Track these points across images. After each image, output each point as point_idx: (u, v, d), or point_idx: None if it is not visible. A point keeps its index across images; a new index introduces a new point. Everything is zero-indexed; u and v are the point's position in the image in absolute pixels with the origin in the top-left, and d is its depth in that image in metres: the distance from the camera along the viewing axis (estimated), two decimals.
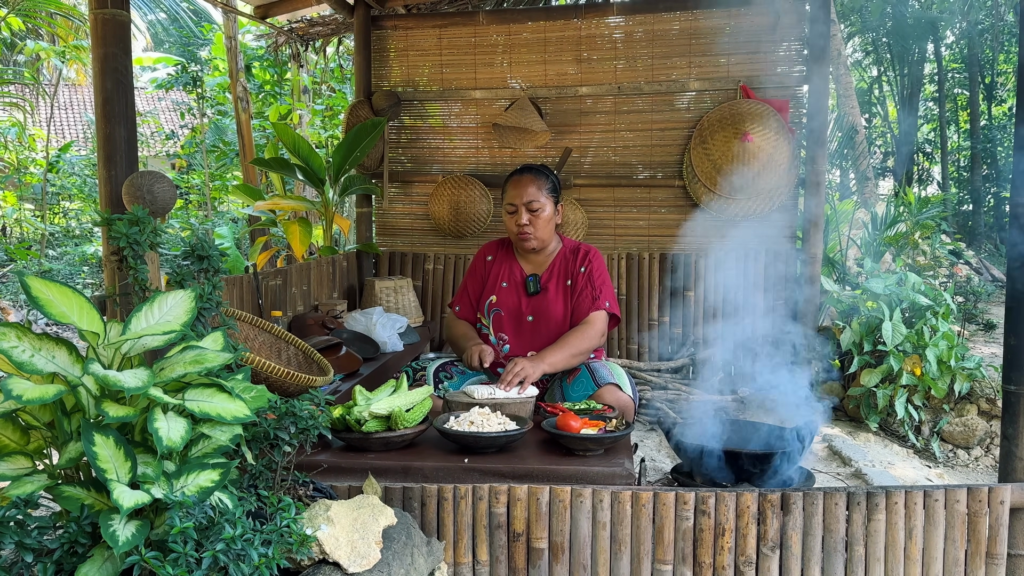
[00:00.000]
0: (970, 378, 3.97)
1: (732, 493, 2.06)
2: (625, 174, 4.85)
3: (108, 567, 1.43)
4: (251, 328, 2.77)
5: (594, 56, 4.83)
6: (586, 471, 2.18)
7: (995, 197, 15.73)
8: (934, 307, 4.13)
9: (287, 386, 2.37)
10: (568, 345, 2.84)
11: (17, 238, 11.05)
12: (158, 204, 2.18)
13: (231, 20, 7.84)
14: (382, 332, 3.81)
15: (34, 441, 1.58)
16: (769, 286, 4.59)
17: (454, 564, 2.09)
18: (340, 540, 1.69)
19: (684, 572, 2.07)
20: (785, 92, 4.55)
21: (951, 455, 3.85)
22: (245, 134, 7.89)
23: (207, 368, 1.59)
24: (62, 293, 1.54)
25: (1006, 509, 2.10)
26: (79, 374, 1.50)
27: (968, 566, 2.10)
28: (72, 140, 13.82)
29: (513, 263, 3.10)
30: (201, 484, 1.50)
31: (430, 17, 5.06)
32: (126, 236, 1.83)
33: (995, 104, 17.00)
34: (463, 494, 2.08)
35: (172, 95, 14.67)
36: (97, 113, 2.34)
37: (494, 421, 2.33)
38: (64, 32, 9.74)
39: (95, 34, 2.32)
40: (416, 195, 5.19)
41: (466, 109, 5.07)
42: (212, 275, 1.95)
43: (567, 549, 2.07)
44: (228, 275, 3.24)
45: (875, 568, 2.07)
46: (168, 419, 1.49)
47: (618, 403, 2.68)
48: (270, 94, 9.54)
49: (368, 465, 2.19)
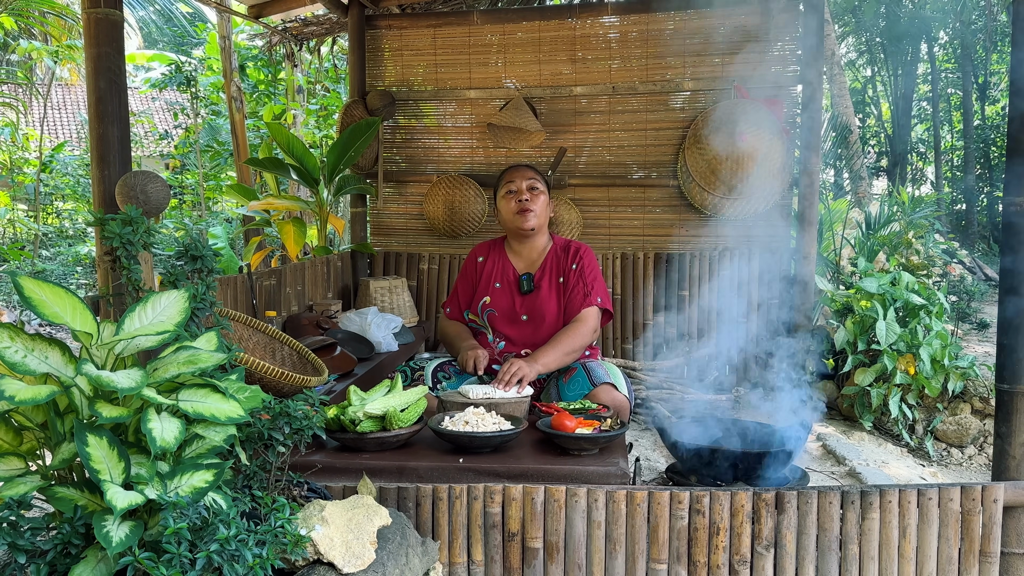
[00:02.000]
0: (963, 377, 3.98)
1: (727, 492, 2.06)
2: (620, 174, 4.85)
3: (102, 568, 1.42)
4: (245, 328, 2.76)
5: (588, 56, 4.84)
6: (581, 471, 2.17)
7: (988, 196, 15.80)
8: (928, 306, 4.15)
9: (281, 386, 2.36)
10: (561, 344, 2.85)
11: (10, 238, 11.01)
12: (151, 204, 2.17)
13: (225, 20, 7.81)
14: (377, 332, 3.81)
15: (27, 442, 1.58)
16: (763, 286, 4.60)
17: (449, 564, 2.09)
18: (335, 540, 1.69)
19: (679, 571, 2.07)
20: (779, 92, 4.56)
21: (945, 454, 3.86)
22: (239, 134, 7.87)
23: (201, 368, 1.59)
24: (55, 293, 1.53)
25: (999, 507, 2.11)
26: (72, 375, 1.49)
27: (962, 564, 2.11)
28: (65, 140, 13.77)
29: (505, 263, 3.11)
30: (195, 485, 1.50)
31: (424, 17, 5.05)
32: (119, 236, 1.82)
33: (988, 104, 17.07)
34: (458, 494, 2.08)
35: (166, 95, 14.63)
36: (90, 113, 2.33)
37: (489, 421, 2.33)
38: (57, 32, 9.70)
39: (88, 33, 2.31)
40: (411, 195, 5.19)
41: (461, 109, 5.07)
42: (206, 275, 1.94)
43: (562, 549, 2.08)
44: (222, 275, 3.23)
45: (869, 567, 2.07)
46: (162, 420, 1.49)
47: (613, 403, 2.68)
48: (264, 94, 9.51)
49: (363, 465, 2.19)
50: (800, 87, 4.53)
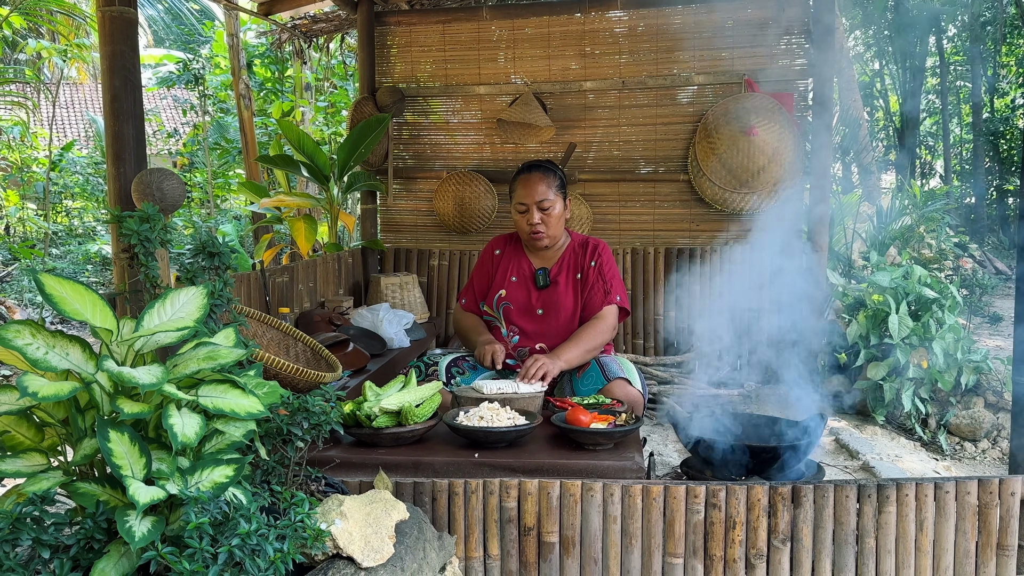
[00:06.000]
0: (976, 371, 3.97)
1: (743, 486, 2.06)
2: (629, 169, 4.84)
3: (124, 563, 1.43)
4: (260, 325, 2.77)
5: (597, 51, 4.83)
6: (596, 465, 2.18)
7: (998, 190, 15.69)
8: (940, 300, 4.13)
9: (297, 382, 2.37)
10: (582, 341, 2.85)
11: (20, 237, 11.06)
12: (167, 201, 2.18)
13: (233, 17, 7.83)
14: (389, 328, 3.82)
15: (49, 438, 1.59)
16: (775, 280, 4.58)
17: (465, 558, 2.09)
18: (354, 535, 1.69)
19: (695, 565, 2.07)
20: (789, 86, 4.54)
21: (958, 448, 3.85)
22: (248, 131, 7.89)
23: (220, 364, 1.60)
24: (75, 290, 1.54)
25: (1017, 501, 2.10)
26: (93, 371, 1.50)
27: (979, 558, 2.10)
28: (74, 139, 13.81)
29: (522, 258, 3.10)
30: (216, 480, 1.50)
31: (433, 13, 5.05)
32: (137, 233, 1.83)
33: (997, 97, 16.95)
34: (474, 489, 2.09)
35: (174, 92, 14.67)
36: (105, 111, 2.34)
37: (503, 416, 2.34)
38: (65, 30, 9.73)
39: (103, 32, 2.32)
40: (420, 191, 5.19)
41: (470, 105, 5.06)
42: (223, 272, 1.95)
43: (578, 543, 2.08)
44: (236, 272, 3.24)
45: (886, 560, 2.07)
46: (182, 415, 1.49)
47: (627, 397, 2.68)
48: (272, 91, 9.53)
49: (379, 460, 2.20)
50: (810, 80, 4.51)
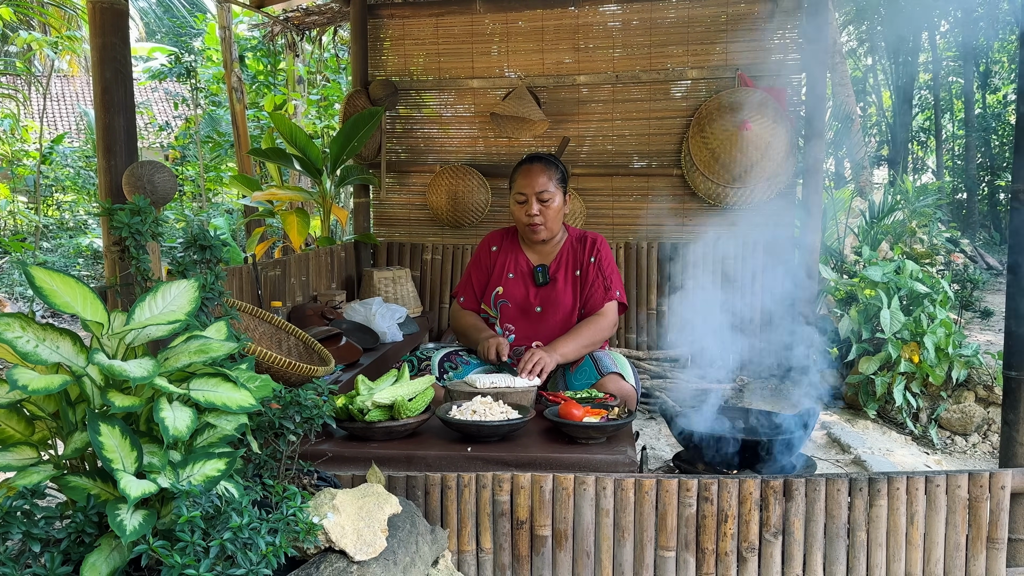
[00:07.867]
0: (967, 365, 3.99)
1: (735, 480, 2.07)
2: (623, 163, 4.84)
3: (115, 556, 1.43)
4: (251, 318, 2.76)
5: (591, 44, 4.82)
6: (589, 459, 2.18)
7: (990, 185, 15.76)
8: (932, 295, 4.14)
9: (289, 376, 2.36)
10: (581, 336, 2.85)
11: (11, 230, 10.99)
12: (158, 194, 2.17)
13: (225, 10, 7.78)
14: (381, 322, 3.81)
15: (39, 431, 1.58)
16: (767, 274, 4.60)
17: (458, 552, 2.10)
18: (346, 528, 1.69)
19: (687, 558, 2.08)
20: (782, 80, 4.55)
21: (949, 441, 3.87)
22: (240, 125, 7.84)
23: (212, 357, 1.59)
24: (66, 283, 1.53)
25: (1007, 494, 2.11)
26: (84, 364, 1.49)
27: (969, 551, 2.11)
28: (65, 132, 13.72)
29: (519, 253, 3.08)
30: (207, 473, 1.50)
31: (426, 6, 5.03)
32: (128, 226, 1.82)
33: (989, 92, 17.01)
34: (466, 482, 2.09)
35: (165, 85, 14.58)
36: (96, 103, 2.32)
37: (496, 410, 2.33)
38: (56, 22, 9.66)
39: (93, 23, 2.30)
40: (414, 185, 5.18)
41: (463, 98, 5.05)
42: (214, 265, 1.94)
43: (570, 536, 2.08)
44: (228, 265, 3.23)
45: (877, 553, 2.08)
46: (174, 409, 1.49)
47: (620, 392, 2.68)
48: (264, 84, 9.48)
49: (371, 454, 2.20)
50: (803, 75, 4.52)
